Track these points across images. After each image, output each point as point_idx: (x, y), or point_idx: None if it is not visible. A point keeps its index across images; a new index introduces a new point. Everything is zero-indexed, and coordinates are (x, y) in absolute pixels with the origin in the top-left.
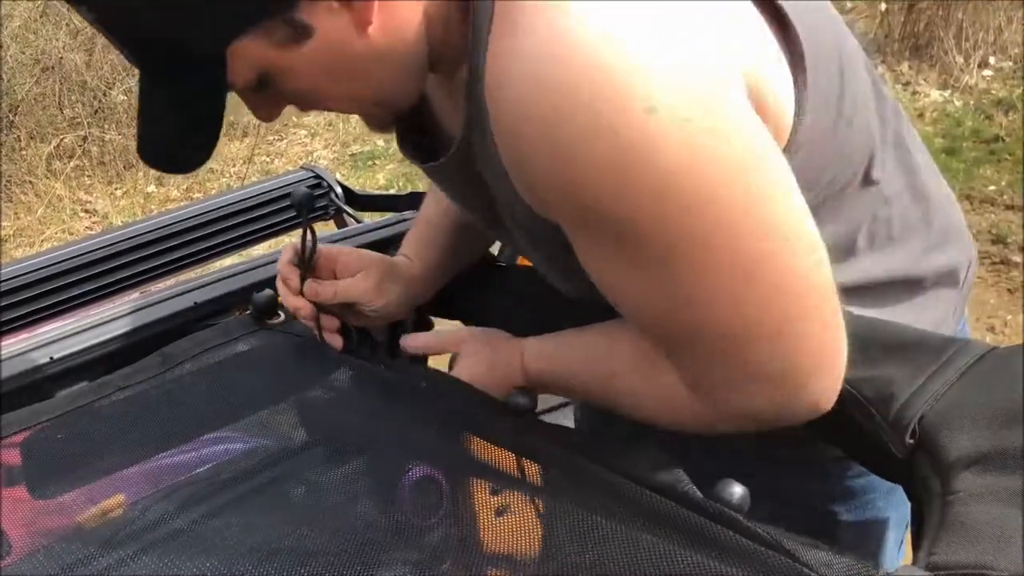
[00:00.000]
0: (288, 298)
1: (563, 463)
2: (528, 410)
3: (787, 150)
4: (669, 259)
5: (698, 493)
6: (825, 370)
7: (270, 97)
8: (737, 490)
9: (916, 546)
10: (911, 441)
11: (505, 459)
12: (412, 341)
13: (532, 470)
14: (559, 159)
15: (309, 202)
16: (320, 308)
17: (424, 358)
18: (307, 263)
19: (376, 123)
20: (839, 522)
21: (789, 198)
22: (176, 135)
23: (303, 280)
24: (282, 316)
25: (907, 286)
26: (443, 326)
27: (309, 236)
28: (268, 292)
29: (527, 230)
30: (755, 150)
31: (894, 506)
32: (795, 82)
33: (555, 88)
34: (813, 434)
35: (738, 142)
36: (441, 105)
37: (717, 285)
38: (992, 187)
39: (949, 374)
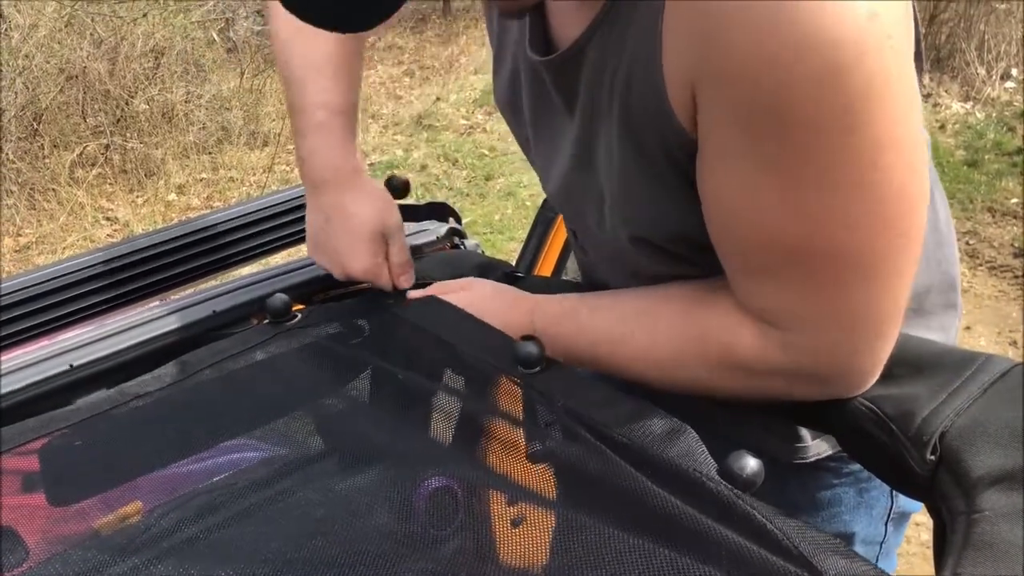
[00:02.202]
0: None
1: (577, 461)
2: (538, 360)
3: None
4: (832, 172)
5: (713, 471)
6: (887, 338)
7: None
8: (750, 462)
9: (939, 564)
10: (932, 457)
11: (521, 469)
12: (416, 296)
13: (549, 477)
14: (775, 44)
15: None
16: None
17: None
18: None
19: (519, 6)
20: None
21: (926, 156)
22: None
23: None
24: (297, 317)
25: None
26: None
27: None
28: (281, 296)
29: (619, 143)
30: (918, 96)
31: (862, 522)
32: None
33: None
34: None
35: (912, 79)
36: (555, 8)
37: (860, 208)
38: (1014, 200)
39: (972, 390)
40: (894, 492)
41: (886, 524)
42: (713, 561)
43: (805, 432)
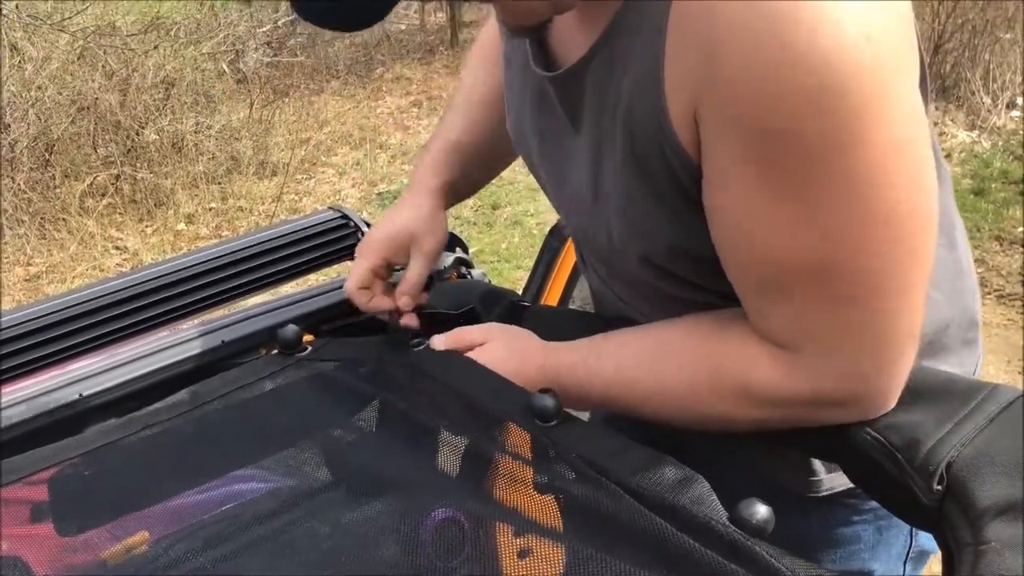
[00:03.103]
0: (369, 306)
1: (586, 496)
2: (554, 414)
3: None
4: (832, 190)
5: (723, 520)
6: (903, 358)
7: None
8: (760, 509)
9: None
10: (939, 488)
11: (528, 501)
12: (438, 342)
13: (556, 510)
14: (768, 62)
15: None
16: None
17: None
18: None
19: (527, 25)
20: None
21: (935, 176)
22: None
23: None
24: (307, 349)
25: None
26: None
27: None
28: (292, 327)
29: (623, 166)
30: (922, 118)
31: (880, 560)
32: None
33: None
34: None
35: (913, 100)
36: (560, 27)
37: (867, 227)
38: (1021, 228)
39: (978, 419)
40: (913, 531)
41: (905, 563)
42: None
43: (819, 465)
